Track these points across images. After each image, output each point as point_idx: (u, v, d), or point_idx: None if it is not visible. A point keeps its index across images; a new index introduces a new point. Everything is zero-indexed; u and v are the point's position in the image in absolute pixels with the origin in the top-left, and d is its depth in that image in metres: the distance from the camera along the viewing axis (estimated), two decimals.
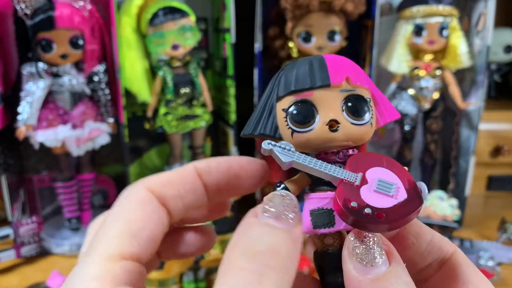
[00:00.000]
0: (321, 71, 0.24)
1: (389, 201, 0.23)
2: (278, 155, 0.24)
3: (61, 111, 0.78)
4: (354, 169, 0.24)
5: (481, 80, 0.85)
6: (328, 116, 0.24)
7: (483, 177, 1.10)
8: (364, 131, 0.25)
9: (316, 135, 0.24)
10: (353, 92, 0.25)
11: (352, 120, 0.24)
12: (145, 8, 0.81)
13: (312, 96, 0.24)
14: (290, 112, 0.25)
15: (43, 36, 0.73)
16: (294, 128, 0.25)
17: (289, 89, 0.25)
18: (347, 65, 0.26)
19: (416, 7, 0.82)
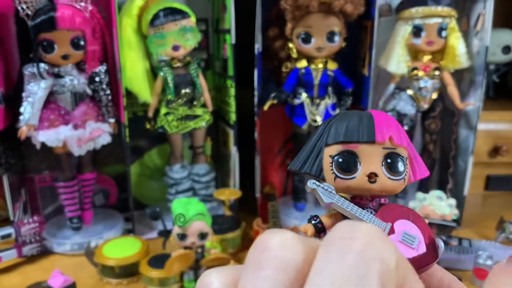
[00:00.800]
0: (368, 128, 0.28)
1: (410, 253, 0.26)
2: (321, 195, 0.27)
3: (62, 111, 0.79)
4: (384, 218, 0.27)
5: (479, 80, 0.85)
6: (369, 168, 0.28)
7: (482, 177, 1.11)
8: (397, 186, 0.28)
9: (356, 184, 0.28)
10: (393, 150, 0.28)
11: (389, 175, 0.28)
12: (146, 9, 0.81)
13: (358, 149, 0.28)
14: (336, 159, 0.28)
15: (45, 36, 0.73)
16: (337, 174, 0.28)
17: (338, 139, 0.28)
18: (392, 125, 0.29)
19: (415, 8, 0.82)
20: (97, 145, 0.81)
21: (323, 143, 0.29)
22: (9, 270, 0.78)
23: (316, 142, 0.29)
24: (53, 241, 0.83)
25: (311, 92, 0.87)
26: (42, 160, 0.90)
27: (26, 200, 0.90)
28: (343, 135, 0.28)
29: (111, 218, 0.92)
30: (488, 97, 1.19)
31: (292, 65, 0.87)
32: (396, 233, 0.26)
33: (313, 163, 0.29)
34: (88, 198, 0.88)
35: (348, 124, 0.28)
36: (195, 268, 0.70)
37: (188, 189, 0.92)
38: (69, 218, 0.85)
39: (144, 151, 0.99)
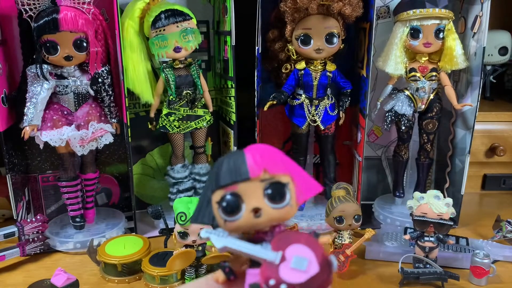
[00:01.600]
0: (241, 166, 0.30)
1: (302, 276, 0.27)
2: (213, 242, 0.29)
3: (65, 112, 0.80)
4: (277, 247, 0.29)
5: (476, 81, 0.86)
6: (251, 204, 0.29)
7: (478, 176, 1.12)
8: (285, 212, 0.30)
9: (243, 223, 0.30)
10: (271, 180, 0.30)
11: (273, 205, 0.29)
12: (148, 11, 0.82)
13: (237, 189, 0.29)
14: (221, 204, 0.30)
15: (48, 38, 0.74)
16: (225, 217, 0.30)
17: (218, 184, 0.30)
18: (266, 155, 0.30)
19: (412, 10, 0.83)
20: (100, 145, 0.82)
21: (210, 192, 0.31)
22: (12, 268, 0.78)
23: (205, 192, 0.31)
24: (56, 240, 0.84)
25: (310, 93, 0.88)
26: (45, 160, 0.91)
27: (29, 199, 0.91)
28: (222, 179, 0.30)
29: (113, 217, 0.93)
30: (485, 98, 1.20)
31: (291, 67, 0.88)
32: (287, 259, 0.28)
33: (204, 213, 0.31)
34: (91, 197, 0.88)
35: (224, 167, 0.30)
36: (196, 266, 0.71)
37: (189, 188, 0.93)
38: (71, 217, 0.86)
39: (146, 151, 1.00)
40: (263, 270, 0.28)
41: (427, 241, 0.73)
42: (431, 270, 0.72)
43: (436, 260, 0.74)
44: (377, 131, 1.02)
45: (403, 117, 0.89)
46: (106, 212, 0.95)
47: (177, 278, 0.72)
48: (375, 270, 0.77)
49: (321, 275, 0.27)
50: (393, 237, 0.83)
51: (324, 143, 0.94)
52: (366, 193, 1.02)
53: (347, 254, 0.73)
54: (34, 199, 0.92)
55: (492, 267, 0.73)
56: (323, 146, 0.95)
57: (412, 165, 0.98)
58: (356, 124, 0.94)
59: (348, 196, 0.77)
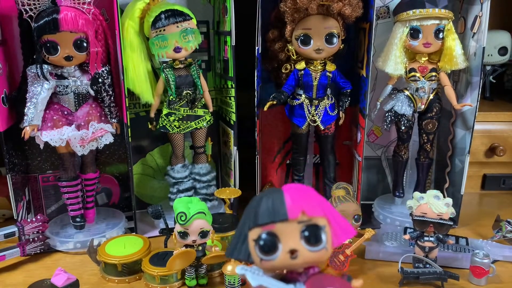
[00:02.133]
0: (280, 206, 0.30)
1: None
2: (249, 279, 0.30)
3: (65, 112, 0.80)
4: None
5: (476, 81, 0.86)
6: (288, 245, 0.30)
7: (478, 176, 1.12)
8: (320, 256, 0.30)
9: (279, 263, 0.30)
10: (309, 222, 0.30)
11: (309, 247, 0.30)
12: (148, 11, 0.82)
13: (275, 229, 0.30)
14: (258, 243, 0.30)
15: (48, 38, 0.74)
16: (261, 256, 0.30)
17: (256, 222, 0.30)
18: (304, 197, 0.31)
19: (412, 10, 0.83)
20: (100, 145, 0.82)
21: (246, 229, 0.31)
22: (13, 268, 0.78)
23: (241, 229, 0.32)
24: (56, 240, 0.84)
25: (310, 93, 0.88)
26: (46, 160, 0.91)
27: (30, 199, 0.91)
28: (260, 218, 0.30)
29: (113, 217, 0.93)
30: (484, 98, 1.20)
31: (291, 67, 0.88)
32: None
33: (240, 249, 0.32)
34: (91, 197, 0.88)
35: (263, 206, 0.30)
36: (196, 266, 0.71)
37: (189, 188, 0.93)
38: (72, 217, 0.86)
39: (146, 151, 1.00)
40: None
41: (427, 241, 0.73)
42: (431, 270, 0.72)
43: (436, 260, 0.74)
44: (377, 131, 1.02)
45: (402, 117, 0.89)
46: (106, 212, 0.95)
47: (177, 278, 0.72)
48: (375, 270, 0.77)
49: None
50: (393, 237, 0.83)
51: (324, 143, 0.94)
52: (366, 193, 1.02)
53: (347, 254, 0.74)
54: (34, 199, 0.92)
55: (492, 267, 0.73)
56: (323, 146, 0.95)
57: (412, 165, 0.98)
58: (356, 124, 0.94)
59: (348, 196, 0.77)
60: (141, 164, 1.00)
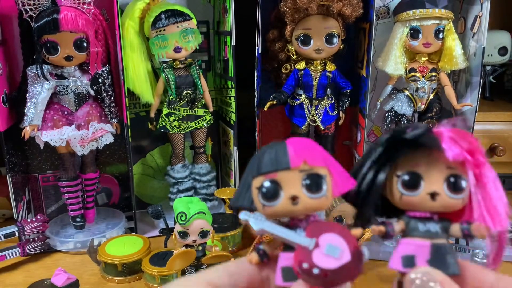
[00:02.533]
0: (283, 156, 0.31)
1: (334, 263, 0.29)
2: (252, 225, 0.31)
3: (66, 112, 0.80)
4: (311, 234, 0.30)
5: (476, 81, 0.86)
6: (290, 192, 0.31)
7: None
8: (320, 203, 0.32)
9: (280, 208, 0.31)
10: (310, 171, 0.31)
11: (310, 194, 0.31)
12: (148, 11, 0.82)
13: (277, 177, 0.31)
14: (260, 190, 0.31)
15: (48, 38, 0.74)
16: (263, 202, 0.31)
17: (260, 171, 0.32)
18: (306, 148, 0.32)
19: (412, 10, 0.83)
20: (100, 145, 0.82)
21: (250, 178, 0.32)
22: (13, 268, 0.78)
23: (246, 178, 0.33)
24: (56, 240, 0.84)
25: (310, 93, 0.88)
26: (46, 160, 0.91)
27: (30, 199, 0.91)
28: (263, 167, 0.31)
29: (113, 217, 0.93)
30: (484, 98, 1.20)
31: (291, 67, 0.88)
32: (321, 246, 0.29)
33: (244, 197, 0.33)
34: (91, 197, 0.89)
35: (266, 156, 0.32)
36: (196, 266, 0.71)
37: (189, 188, 0.93)
38: (72, 217, 0.86)
39: (146, 151, 1.00)
40: (296, 254, 0.29)
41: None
42: None
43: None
44: (377, 131, 1.02)
45: (403, 117, 0.89)
46: (106, 212, 0.95)
47: (177, 278, 0.72)
48: (375, 270, 0.77)
49: (352, 264, 0.29)
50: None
51: (324, 143, 0.94)
52: None
53: None
54: (35, 199, 0.92)
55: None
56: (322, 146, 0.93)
57: None
58: (356, 124, 0.94)
59: None
60: (141, 164, 1.00)
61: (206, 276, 0.31)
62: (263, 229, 0.31)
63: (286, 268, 0.31)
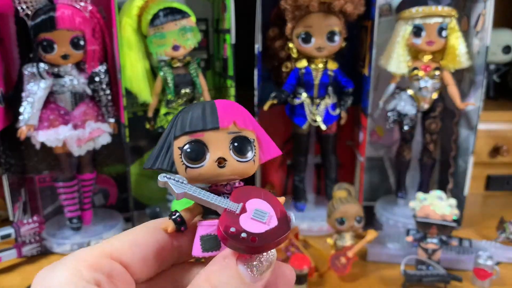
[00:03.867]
0: (212, 115, 0.29)
1: (262, 227, 0.27)
2: (172, 187, 0.28)
3: (62, 111, 0.79)
4: (237, 199, 0.28)
5: (480, 80, 0.85)
6: (217, 154, 0.29)
7: (482, 177, 1.11)
8: (247, 167, 0.30)
9: (206, 171, 0.29)
10: (239, 134, 0.30)
11: (237, 157, 0.29)
12: (146, 9, 0.81)
13: (204, 137, 0.29)
14: (185, 150, 0.29)
15: (44, 36, 0.73)
16: (187, 164, 0.29)
17: (184, 130, 0.29)
18: (236, 110, 0.30)
19: (415, 8, 0.82)
20: (97, 145, 0.81)
21: (171, 137, 0.30)
22: (9, 270, 0.78)
23: (166, 137, 0.30)
24: (53, 241, 0.83)
25: (311, 92, 0.87)
26: (42, 160, 0.90)
27: (26, 200, 0.90)
28: (188, 126, 0.29)
29: (111, 218, 0.92)
30: (488, 97, 1.19)
31: (292, 65, 0.87)
32: (248, 211, 0.28)
33: (164, 158, 0.30)
34: (88, 198, 0.87)
35: (192, 114, 0.29)
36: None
37: None
38: (69, 218, 0.85)
39: (144, 151, 0.99)
40: (222, 219, 0.27)
41: (430, 243, 0.72)
42: (433, 272, 0.71)
43: (439, 262, 0.73)
44: (379, 131, 1.01)
45: (405, 116, 0.88)
46: (103, 213, 0.94)
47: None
48: (377, 272, 0.76)
49: (279, 229, 0.27)
50: (395, 239, 0.82)
51: (325, 143, 0.93)
52: (368, 194, 1.00)
53: (349, 257, 0.72)
54: (31, 200, 0.91)
55: (496, 269, 0.72)
56: (324, 146, 0.94)
57: (415, 166, 0.97)
58: (358, 124, 0.93)
59: (349, 197, 0.76)
60: (139, 165, 0.99)
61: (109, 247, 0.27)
62: (185, 193, 0.28)
63: (206, 236, 0.29)
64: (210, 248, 0.28)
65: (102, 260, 0.26)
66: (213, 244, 0.28)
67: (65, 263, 0.25)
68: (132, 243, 0.28)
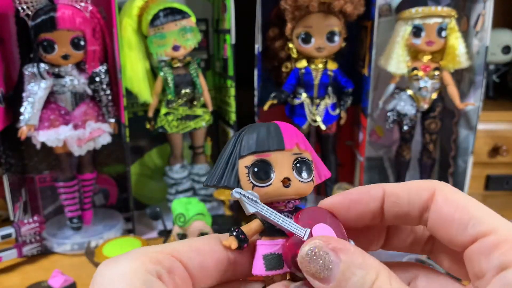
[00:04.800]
0: (277, 137, 0.30)
1: None
2: (246, 205, 0.29)
3: (62, 111, 0.79)
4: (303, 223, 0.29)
5: (479, 80, 0.85)
6: (282, 174, 0.30)
7: (481, 177, 1.11)
8: (308, 187, 0.31)
9: (273, 190, 0.30)
10: (300, 155, 0.31)
11: (300, 178, 0.30)
12: (146, 9, 0.81)
13: (270, 157, 0.30)
14: (252, 169, 0.30)
15: (45, 37, 0.73)
16: (254, 183, 0.30)
17: (251, 149, 0.30)
18: (297, 133, 0.32)
19: (414, 8, 0.82)
20: (97, 145, 0.81)
21: (236, 156, 0.31)
22: (9, 270, 0.78)
23: (229, 155, 0.31)
24: (53, 241, 0.83)
25: (311, 92, 0.87)
26: (42, 160, 0.90)
27: (26, 200, 0.90)
28: (255, 146, 0.30)
29: (111, 218, 0.92)
30: (488, 97, 1.19)
31: (292, 65, 0.87)
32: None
33: (229, 176, 0.31)
34: (88, 198, 0.88)
35: (258, 135, 0.30)
36: None
37: (188, 189, 0.92)
38: (69, 218, 0.85)
39: (144, 151, 0.99)
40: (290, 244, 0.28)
41: None
42: None
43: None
44: (379, 131, 1.01)
45: (405, 116, 0.88)
46: (103, 213, 0.94)
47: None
48: None
49: None
50: None
51: (325, 143, 0.93)
52: None
53: None
54: (31, 200, 0.91)
55: None
56: (324, 146, 0.94)
57: (414, 166, 0.97)
58: (357, 124, 0.93)
59: None
60: (139, 165, 0.99)
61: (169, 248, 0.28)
62: (258, 212, 0.29)
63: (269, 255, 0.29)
64: (274, 267, 0.29)
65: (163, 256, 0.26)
66: (276, 263, 0.29)
67: (128, 256, 0.25)
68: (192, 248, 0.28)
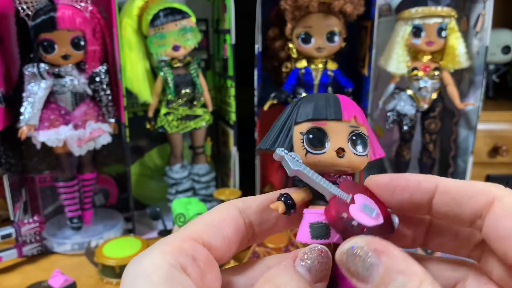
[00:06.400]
0: (335, 107, 0.30)
1: (371, 221, 0.27)
2: (288, 162, 0.28)
3: (62, 111, 0.79)
4: (346, 191, 0.28)
5: (479, 80, 0.85)
6: (337, 144, 0.29)
7: (481, 177, 1.11)
8: (361, 161, 0.30)
9: (326, 158, 0.29)
10: (358, 128, 0.30)
11: (355, 151, 0.30)
12: (146, 9, 0.81)
13: (326, 126, 0.30)
14: (307, 136, 0.30)
15: (45, 37, 0.73)
16: (308, 149, 0.29)
17: (308, 116, 0.30)
18: (355, 106, 0.31)
19: (414, 8, 0.82)
20: (97, 145, 0.81)
21: (292, 122, 0.30)
22: (9, 270, 0.78)
23: (285, 121, 0.31)
24: (53, 241, 0.83)
25: (311, 92, 0.87)
26: (42, 160, 0.90)
27: (27, 200, 0.90)
28: (312, 113, 0.30)
29: (111, 218, 0.92)
30: (487, 97, 1.19)
31: (292, 65, 0.87)
32: (357, 203, 0.28)
33: (283, 140, 0.30)
34: (88, 198, 0.88)
35: (316, 103, 0.30)
36: None
37: (188, 189, 0.92)
38: (69, 218, 0.85)
39: (144, 151, 0.99)
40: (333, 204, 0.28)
41: None
42: None
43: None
44: (379, 131, 1.01)
45: (405, 116, 0.88)
46: (103, 213, 0.94)
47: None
48: None
49: (385, 228, 0.28)
50: None
51: None
52: None
53: None
54: (31, 199, 0.91)
55: None
56: None
57: (414, 166, 0.97)
58: None
59: None
60: (139, 165, 0.99)
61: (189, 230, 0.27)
62: (299, 171, 0.28)
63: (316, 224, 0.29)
64: (320, 236, 0.28)
65: (185, 243, 0.26)
66: (323, 232, 0.28)
67: (151, 251, 0.26)
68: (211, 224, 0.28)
